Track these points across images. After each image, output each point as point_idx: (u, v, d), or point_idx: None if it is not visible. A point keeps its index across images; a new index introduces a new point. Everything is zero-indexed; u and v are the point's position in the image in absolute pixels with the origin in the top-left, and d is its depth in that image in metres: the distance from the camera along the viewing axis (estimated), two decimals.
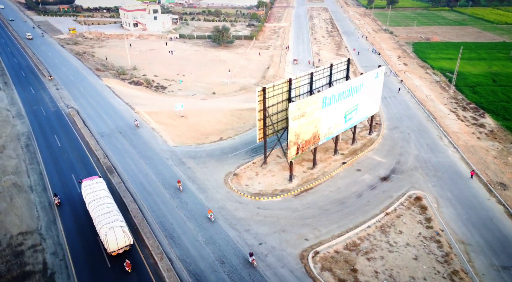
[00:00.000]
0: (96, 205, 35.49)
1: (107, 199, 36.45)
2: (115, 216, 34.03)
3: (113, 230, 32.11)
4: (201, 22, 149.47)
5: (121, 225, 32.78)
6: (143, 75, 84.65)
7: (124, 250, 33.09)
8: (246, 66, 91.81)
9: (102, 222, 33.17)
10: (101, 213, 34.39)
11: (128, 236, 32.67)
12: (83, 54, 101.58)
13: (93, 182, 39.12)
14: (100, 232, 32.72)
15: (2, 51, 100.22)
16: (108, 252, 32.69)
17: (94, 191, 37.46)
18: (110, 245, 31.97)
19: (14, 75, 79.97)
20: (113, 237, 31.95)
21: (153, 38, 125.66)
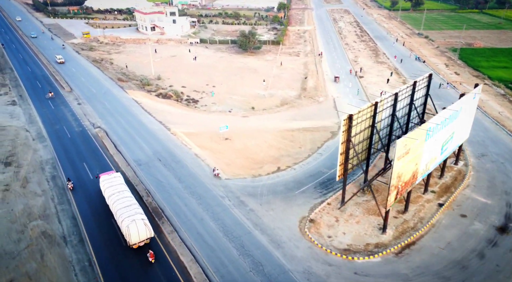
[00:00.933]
0: (116, 198, 35.64)
1: (127, 193, 36.81)
2: (136, 209, 34.20)
3: (135, 222, 32.14)
4: (220, 25, 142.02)
5: (142, 218, 32.75)
6: (170, 86, 77.25)
7: (144, 242, 33.15)
8: (280, 76, 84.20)
9: (123, 215, 33.27)
10: (122, 207, 34.47)
11: (149, 229, 32.74)
12: (101, 61, 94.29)
13: (111, 176, 39.35)
14: (122, 225, 32.71)
15: (13, 57, 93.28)
16: (129, 245, 32.72)
17: (113, 185, 37.71)
18: (132, 237, 32.07)
19: (29, 87, 72.63)
20: (135, 229, 32.03)
21: (172, 43, 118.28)
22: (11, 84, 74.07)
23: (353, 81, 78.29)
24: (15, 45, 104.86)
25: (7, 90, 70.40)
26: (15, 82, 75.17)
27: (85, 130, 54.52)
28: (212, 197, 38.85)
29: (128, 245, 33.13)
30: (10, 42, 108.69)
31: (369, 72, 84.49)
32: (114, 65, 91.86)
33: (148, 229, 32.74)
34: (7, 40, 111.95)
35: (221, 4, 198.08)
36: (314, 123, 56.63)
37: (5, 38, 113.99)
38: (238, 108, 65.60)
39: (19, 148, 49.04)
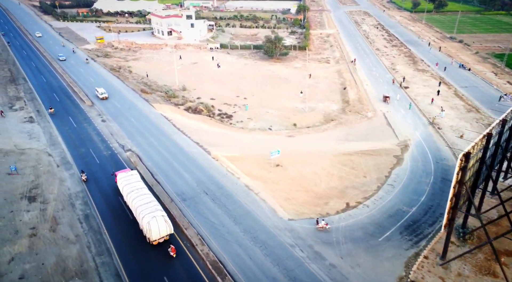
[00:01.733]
0: (135, 195, 36.03)
1: (145, 190, 37.26)
2: (156, 206, 34.62)
3: (155, 219, 32.53)
4: (237, 28, 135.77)
5: (162, 215, 33.26)
6: (197, 98, 71.03)
7: (164, 239, 33.54)
8: (315, 86, 77.81)
9: (143, 212, 33.59)
10: (141, 203, 34.81)
11: (169, 225, 33.20)
12: (119, 69, 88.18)
13: (128, 174, 39.75)
14: (143, 222, 33.05)
15: (26, 66, 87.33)
16: (150, 241, 33.11)
17: (131, 183, 38.12)
18: (153, 234, 32.45)
19: (46, 100, 66.30)
20: (156, 226, 32.46)
21: (191, 48, 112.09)
22: (26, 97, 68.01)
23: (399, 92, 71.39)
24: (27, 52, 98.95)
25: (22, 104, 64.39)
26: (30, 95, 69.10)
27: (115, 154, 48.24)
28: (280, 245, 32.52)
29: (148, 241, 33.60)
30: (20, 48, 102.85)
31: (413, 81, 77.85)
32: (134, 73, 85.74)
33: (168, 225, 33.21)
34: (15, 44, 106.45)
35: (234, 6, 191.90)
36: (371, 144, 50.31)
37: (14, 43, 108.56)
38: (278, 125, 59.31)
39: (43, 178, 42.97)
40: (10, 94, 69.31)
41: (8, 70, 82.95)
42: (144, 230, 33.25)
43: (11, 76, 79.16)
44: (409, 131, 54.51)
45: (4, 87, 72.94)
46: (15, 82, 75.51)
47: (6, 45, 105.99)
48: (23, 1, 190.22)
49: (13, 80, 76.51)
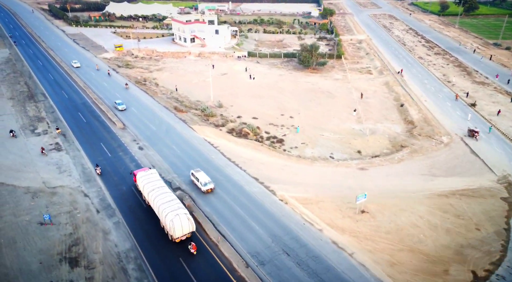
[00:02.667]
0: (157, 194, 36.36)
1: (166, 189, 37.72)
2: (178, 204, 35.01)
3: (178, 217, 32.89)
4: (261, 34, 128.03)
5: (185, 213, 33.64)
6: (238, 117, 63.52)
7: (186, 237, 33.71)
8: (365, 101, 70.13)
9: (166, 210, 33.90)
10: (164, 202, 35.12)
11: (192, 223, 33.53)
12: (144, 82, 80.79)
13: (148, 173, 40.06)
14: (166, 219, 33.30)
15: (43, 78, 79.51)
16: (173, 239, 33.51)
17: (151, 181, 38.41)
18: (176, 231, 32.75)
19: (72, 121, 58.74)
20: (179, 224, 32.71)
21: (216, 56, 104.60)
22: (48, 117, 60.56)
23: (468, 111, 63.40)
24: (42, 62, 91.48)
25: (45, 127, 56.95)
26: (53, 115, 61.65)
27: None
28: None
29: (171, 239, 34.07)
30: (35, 57, 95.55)
31: (478, 97, 69.75)
32: (161, 87, 78.17)
33: (190, 223, 33.60)
34: (28, 53, 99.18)
35: (250, 9, 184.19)
36: (465, 182, 42.57)
37: (27, 51, 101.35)
38: (340, 152, 51.63)
39: (82, 229, 35.43)
40: (30, 113, 61.99)
41: (25, 84, 75.64)
42: (167, 227, 33.67)
43: (29, 92, 71.82)
44: (503, 162, 46.82)
45: (23, 104, 65.64)
46: (34, 99, 68.12)
47: (19, 53, 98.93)
48: (32, 4, 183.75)
49: (31, 96, 69.15)
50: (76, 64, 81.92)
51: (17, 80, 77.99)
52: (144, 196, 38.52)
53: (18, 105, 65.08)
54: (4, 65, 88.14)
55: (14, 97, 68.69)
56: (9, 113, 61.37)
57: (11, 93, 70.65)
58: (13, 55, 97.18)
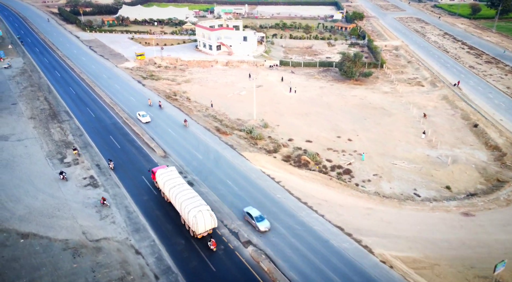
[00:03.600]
0: (179, 191, 36.63)
1: (186, 186, 38.28)
2: (200, 201, 35.32)
3: (201, 213, 33.21)
4: (287, 40, 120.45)
5: (207, 209, 33.92)
6: (289, 140, 55.82)
7: (208, 232, 34.06)
8: (431, 121, 62.02)
9: (189, 206, 34.07)
10: (186, 198, 35.33)
11: (214, 219, 33.88)
12: (175, 96, 73.51)
13: (168, 170, 40.46)
14: (189, 216, 33.43)
15: (64, 92, 71.36)
16: (195, 235, 33.89)
17: (172, 178, 38.83)
18: (199, 227, 33.16)
19: (104, 147, 50.75)
20: (202, 220, 33.12)
21: (245, 66, 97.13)
22: (76, 141, 52.99)
23: None
24: (60, 73, 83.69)
25: (75, 156, 50.10)
26: (81, 138, 54.19)
27: (231, 251, 33.58)
28: None
29: (193, 235, 34.23)
30: (52, 68, 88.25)
31: None
32: (194, 102, 70.77)
33: (213, 219, 33.86)
34: (43, 62, 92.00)
35: (268, 12, 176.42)
36: None
37: (42, 60, 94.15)
38: (424, 188, 43.47)
39: None
40: (55, 137, 54.68)
41: (45, 100, 68.38)
42: (190, 223, 33.81)
43: (51, 109, 64.50)
44: None
45: (46, 125, 58.40)
46: (57, 118, 60.80)
47: (34, 63, 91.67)
48: (41, 7, 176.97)
49: (54, 115, 61.81)
50: (146, 118, 58.61)
51: (35, 95, 70.66)
52: (165, 193, 39.07)
53: (40, 126, 57.84)
54: (20, 77, 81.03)
55: (35, 116, 61.47)
56: (32, 137, 54.06)
57: (31, 111, 63.44)
58: (28, 65, 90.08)
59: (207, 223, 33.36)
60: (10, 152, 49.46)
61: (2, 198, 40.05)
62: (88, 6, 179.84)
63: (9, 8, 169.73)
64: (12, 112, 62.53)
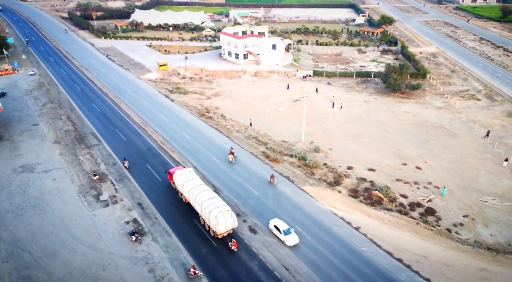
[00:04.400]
0: (198, 191, 37.15)
1: (205, 187, 38.77)
2: (220, 201, 35.91)
3: (222, 213, 33.83)
4: (314, 46, 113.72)
5: (228, 209, 34.64)
6: (348, 168, 48.66)
7: (228, 233, 34.80)
8: (504, 143, 55.89)
9: (210, 207, 34.66)
10: (206, 199, 35.84)
11: (234, 219, 34.58)
12: (208, 113, 67.04)
13: (186, 171, 41.03)
14: (210, 216, 34.14)
15: (88, 111, 64.56)
16: (215, 235, 34.71)
17: (191, 179, 39.49)
18: (221, 227, 33.78)
19: (143, 181, 44.08)
20: (223, 220, 33.75)
21: (276, 76, 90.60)
22: (110, 172, 46.17)
23: None
24: (80, 86, 76.62)
25: (111, 191, 42.67)
26: (115, 168, 47.30)
27: None
28: None
29: (214, 235, 35.00)
30: (70, 80, 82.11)
31: None
32: (229, 120, 64.21)
33: (233, 219, 34.46)
34: (61, 74, 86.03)
35: (286, 16, 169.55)
36: None
37: (59, 72, 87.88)
38: None
39: None
40: (85, 166, 48.33)
41: (68, 120, 62.09)
42: (211, 224, 34.34)
43: (75, 131, 58.16)
44: None
45: (73, 151, 51.96)
46: (84, 142, 54.45)
47: (50, 74, 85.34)
48: (50, 12, 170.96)
49: (81, 139, 55.43)
50: (291, 237, 36.64)
51: (57, 113, 64.37)
52: (183, 194, 39.54)
53: (67, 152, 51.46)
54: (37, 92, 74.88)
55: (60, 139, 55.12)
56: (60, 167, 47.65)
57: (55, 133, 57.10)
58: (44, 77, 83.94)
59: (228, 223, 34.31)
60: (38, 187, 43.22)
61: (35, 251, 33.71)
62: (99, 10, 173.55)
63: (18, 13, 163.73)
64: (34, 134, 56.33)
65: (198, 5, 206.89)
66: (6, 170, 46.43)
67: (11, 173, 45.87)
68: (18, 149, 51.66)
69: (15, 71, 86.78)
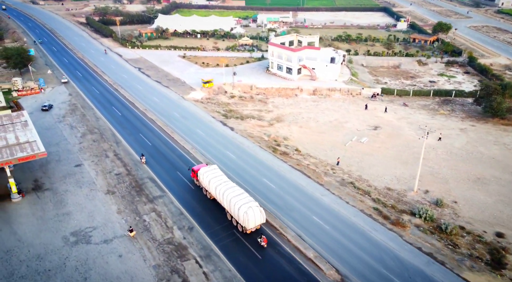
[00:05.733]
0: (225, 188, 37.65)
1: (232, 183, 39.05)
2: (249, 197, 36.51)
3: (252, 209, 34.64)
4: (367, 57, 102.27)
5: (257, 205, 35.46)
6: (499, 236, 37.54)
7: (256, 228, 35.80)
8: None
9: (239, 203, 35.32)
10: (235, 195, 36.44)
11: (263, 215, 35.68)
12: (278, 147, 55.84)
13: (211, 168, 41.37)
14: (240, 212, 34.76)
15: (136, 144, 53.80)
16: (244, 231, 35.48)
17: (216, 176, 39.83)
18: (250, 223, 34.65)
19: (232, 257, 33.97)
20: (253, 215, 34.59)
21: (338, 95, 78.74)
22: (189, 242, 34.90)
23: None
24: (119, 109, 65.34)
25: (196, 271, 32.58)
26: (194, 236, 35.77)
27: None
28: None
29: (242, 231, 35.78)
30: (106, 102, 70.47)
31: None
32: (306, 155, 52.58)
33: (262, 215, 35.56)
34: (93, 93, 74.40)
35: (318, 21, 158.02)
36: None
37: (90, 89, 76.95)
38: None
39: None
40: (155, 232, 36.65)
41: (116, 158, 50.73)
42: (240, 219, 34.92)
43: (129, 174, 46.62)
44: None
45: (133, 208, 40.24)
46: (144, 193, 42.92)
47: (82, 94, 73.71)
48: (66, 16, 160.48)
49: (139, 188, 43.94)
50: None
51: (101, 148, 53.51)
52: (209, 190, 39.70)
53: (127, 209, 40.21)
54: (71, 117, 64.03)
55: (113, 188, 43.96)
56: (123, 235, 36.33)
57: (104, 178, 45.98)
58: (76, 98, 72.92)
59: (257, 219, 35.18)
60: (102, 270, 32.06)
61: None
62: (118, 14, 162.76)
63: (33, 18, 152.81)
64: (79, 181, 45.35)
65: (219, 9, 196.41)
66: (56, 240, 35.59)
67: (63, 245, 35.00)
68: (65, 205, 40.83)
69: (42, 90, 76.48)
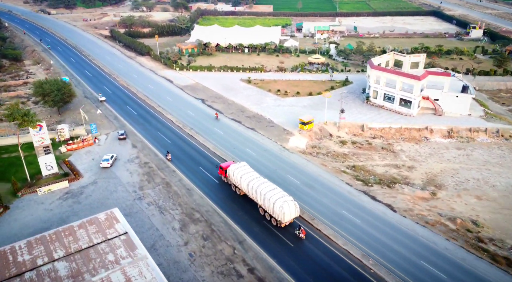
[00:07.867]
0: (258, 183, 39.07)
1: (263, 178, 40.56)
2: (282, 192, 38.08)
3: (287, 203, 36.21)
4: (478, 78, 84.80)
5: (291, 199, 37.03)
6: None
7: (289, 222, 37.45)
8: None
9: (274, 197, 36.90)
10: (268, 190, 37.94)
11: (297, 209, 36.99)
12: (486, 246, 37.95)
13: (241, 165, 42.91)
14: (275, 206, 36.36)
15: (264, 241, 36.29)
16: (279, 224, 37.17)
17: (247, 172, 41.24)
18: (286, 216, 36.16)
19: None
20: (288, 209, 36.10)
21: (483, 136, 60.07)
22: None
23: None
24: (208, 170, 47.27)
25: None
26: None
27: None
28: None
29: (277, 224, 37.50)
30: (184, 156, 51.42)
31: None
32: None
33: (296, 209, 36.88)
34: (166, 145, 55.89)
35: (371, 28, 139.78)
36: None
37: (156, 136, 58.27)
38: None
39: None
40: None
41: (250, 273, 34.09)
42: (276, 213, 36.62)
43: None
44: None
45: None
46: None
47: (145, 141, 54.74)
48: (87, 29, 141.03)
49: None
50: None
51: (223, 258, 34.19)
52: (240, 186, 41.40)
53: None
54: (152, 190, 44.49)
55: None
56: None
57: None
58: (144, 151, 53.54)
59: (292, 213, 36.51)
60: None
61: None
62: (145, 25, 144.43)
63: (50, 32, 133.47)
64: None
65: (247, 15, 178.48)
66: None
67: None
68: None
69: (95, 140, 58.26)
